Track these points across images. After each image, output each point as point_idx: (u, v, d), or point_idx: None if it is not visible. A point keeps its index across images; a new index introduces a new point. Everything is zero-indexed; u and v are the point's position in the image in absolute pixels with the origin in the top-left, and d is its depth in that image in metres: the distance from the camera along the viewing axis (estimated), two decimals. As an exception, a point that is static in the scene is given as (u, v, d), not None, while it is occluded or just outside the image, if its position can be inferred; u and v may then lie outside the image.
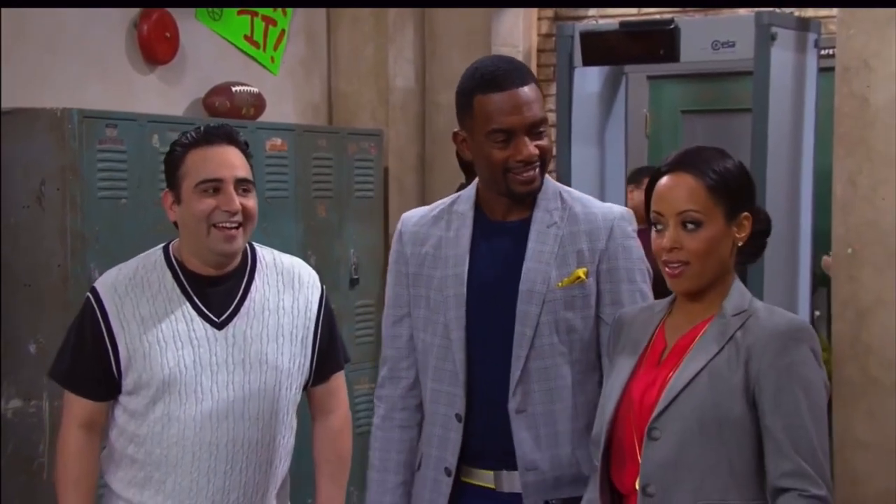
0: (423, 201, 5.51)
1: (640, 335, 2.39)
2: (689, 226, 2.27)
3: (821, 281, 5.12)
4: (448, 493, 2.57)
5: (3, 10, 4.30)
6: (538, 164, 2.54)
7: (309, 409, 2.91)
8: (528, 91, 2.52)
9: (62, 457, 2.73)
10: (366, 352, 5.19)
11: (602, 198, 5.04)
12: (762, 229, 2.36)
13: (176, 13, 4.92)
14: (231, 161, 2.67)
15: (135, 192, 4.29)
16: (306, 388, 2.83)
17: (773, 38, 4.39)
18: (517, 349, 2.53)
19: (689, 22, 4.73)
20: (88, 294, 2.72)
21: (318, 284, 2.83)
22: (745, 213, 2.30)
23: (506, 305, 2.54)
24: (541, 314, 2.52)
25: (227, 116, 4.90)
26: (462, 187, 4.61)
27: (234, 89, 5.07)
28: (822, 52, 4.71)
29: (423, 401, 2.66)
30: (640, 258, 2.59)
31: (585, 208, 2.61)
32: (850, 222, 4.32)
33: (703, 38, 4.62)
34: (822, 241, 4.79)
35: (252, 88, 5.15)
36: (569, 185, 4.94)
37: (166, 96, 4.96)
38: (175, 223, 2.73)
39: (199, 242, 2.67)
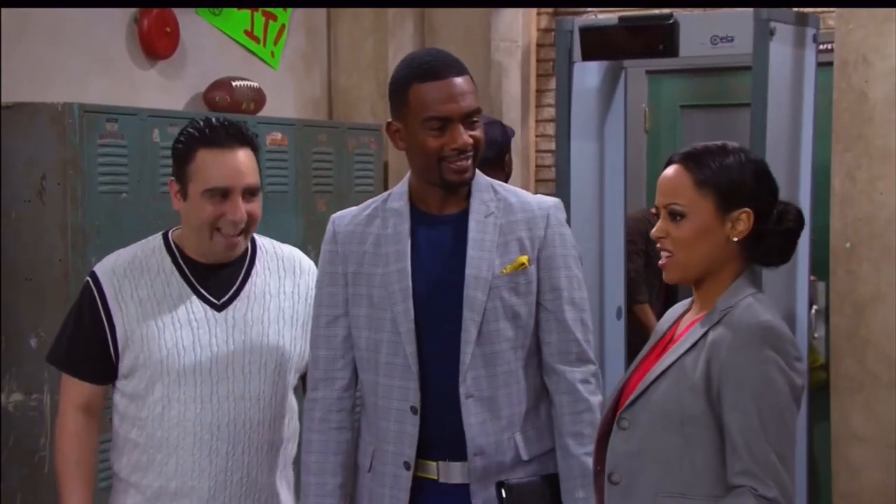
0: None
1: (664, 326, 2.44)
2: (676, 217, 2.31)
3: (819, 275, 5.13)
4: (409, 487, 2.59)
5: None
6: (471, 153, 2.59)
7: None
8: (462, 82, 2.58)
9: (60, 440, 2.76)
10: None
11: (601, 192, 5.10)
12: (788, 228, 2.33)
13: (176, 8, 4.93)
14: (241, 167, 2.68)
15: (135, 187, 4.30)
16: (305, 376, 2.85)
17: (771, 33, 4.39)
18: (465, 334, 2.56)
19: (688, 17, 4.74)
20: (87, 278, 2.76)
21: (316, 271, 2.85)
22: (744, 210, 2.30)
23: (451, 295, 2.58)
24: (487, 300, 2.56)
25: (227, 111, 4.91)
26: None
27: (234, 84, 5.08)
28: (821, 46, 4.71)
29: (369, 398, 2.65)
30: (574, 245, 2.68)
31: (519, 198, 2.67)
32: (849, 216, 4.33)
33: (701, 32, 4.62)
34: (820, 236, 4.80)
35: (252, 83, 5.16)
36: (568, 179, 4.99)
37: (167, 91, 4.97)
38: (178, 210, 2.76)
39: (200, 241, 2.70)
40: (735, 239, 2.30)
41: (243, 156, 2.69)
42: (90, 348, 2.72)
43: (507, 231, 2.61)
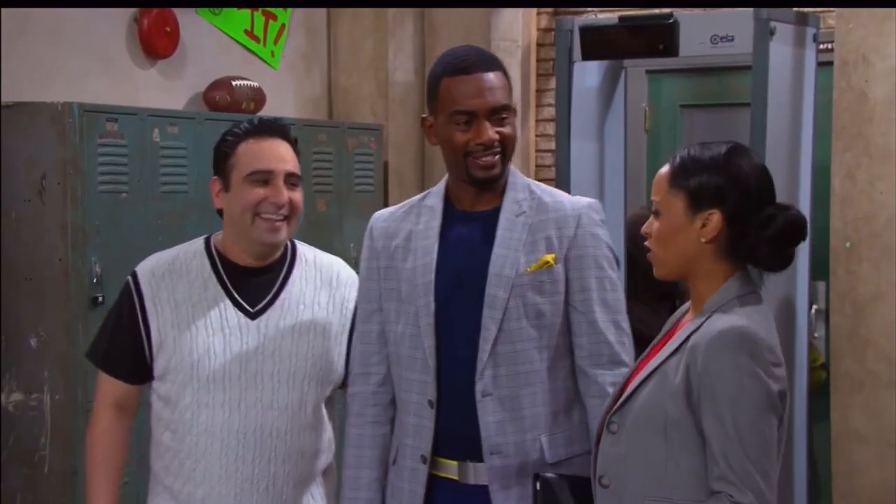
0: (423, 195, 5.51)
1: (668, 324, 2.42)
2: (657, 214, 2.31)
3: (819, 274, 5.13)
4: (425, 481, 2.60)
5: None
6: (499, 150, 2.58)
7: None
8: (493, 77, 2.58)
9: (91, 436, 2.79)
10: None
11: (601, 191, 5.09)
12: (771, 235, 2.26)
13: (176, 8, 4.93)
14: (282, 154, 2.71)
15: (135, 187, 4.30)
16: (343, 387, 2.84)
17: (771, 32, 4.39)
18: (485, 331, 2.56)
19: (688, 16, 4.74)
20: (128, 277, 2.77)
21: (356, 283, 2.83)
22: (712, 211, 2.26)
23: (475, 291, 2.58)
24: (509, 298, 2.55)
25: (227, 111, 4.91)
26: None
27: (234, 83, 5.08)
28: (821, 46, 4.72)
29: (396, 392, 2.67)
30: (608, 246, 2.64)
31: (554, 198, 2.65)
32: (849, 216, 4.33)
33: (702, 32, 4.62)
34: (820, 235, 4.80)
35: (252, 83, 5.16)
36: (568, 179, 4.99)
37: (167, 90, 4.97)
38: (219, 212, 2.77)
39: (243, 231, 2.71)
40: (704, 240, 2.27)
41: (284, 146, 2.74)
42: (126, 347, 2.74)
43: (537, 230, 2.60)
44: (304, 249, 2.86)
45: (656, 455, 2.22)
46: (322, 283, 2.81)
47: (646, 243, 2.35)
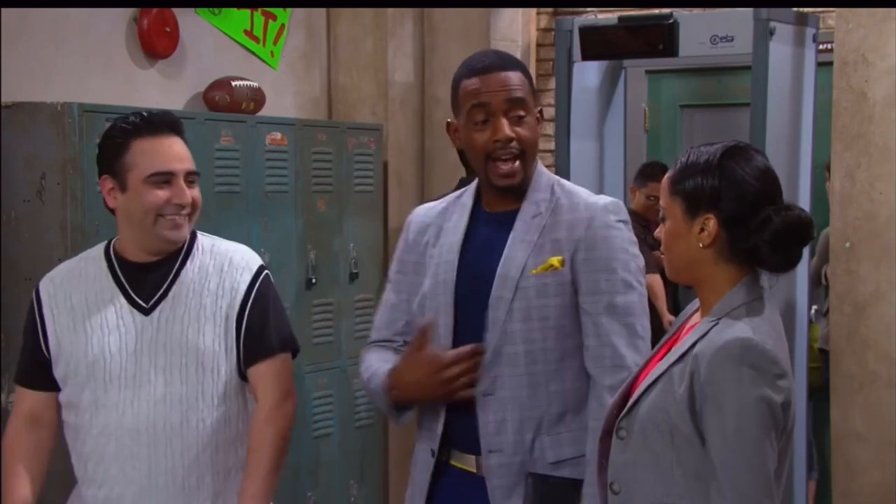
0: (423, 195, 5.52)
1: (677, 323, 2.41)
2: (663, 220, 2.30)
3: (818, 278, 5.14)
4: (431, 471, 2.67)
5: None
6: (517, 151, 2.60)
7: None
8: (511, 75, 2.61)
9: (3, 450, 2.77)
10: (363, 345, 5.20)
11: (601, 191, 5.09)
12: (769, 238, 2.20)
13: (176, 8, 4.93)
14: (180, 153, 2.70)
15: (135, 186, 4.29)
16: (243, 377, 2.76)
17: (771, 32, 4.40)
18: (488, 333, 2.58)
19: (687, 17, 4.74)
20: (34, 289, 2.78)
21: (252, 268, 2.76)
22: (707, 216, 2.22)
23: (485, 293, 2.60)
24: (513, 300, 2.57)
25: (227, 111, 4.91)
26: (462, 182, 4.62)
27: (233, 84, 5.08)
28: (821, 46, 4.72)
29: None
30: (622, 248, 2.61)
31: (571, 199, 2.66)
32: (848, 216, 4.33)
33: (701, 32, 4.63)
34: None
35: (252, 83, 5.16)
36: (567, 179, 4.98)
37: (166, 90, 4.96)
38: (111, 210, 2.73)
39: (143, 231, 2.68)
40: (702, 245, 2.24)
41: (178, 143, 2.72)
42: (32, 357, 2.75)
43: (549, 231, 2.62)
44: (203, 239, 2.80)
45: (664, 461, 2.20)
46: (214, 270, 2.74)
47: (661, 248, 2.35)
